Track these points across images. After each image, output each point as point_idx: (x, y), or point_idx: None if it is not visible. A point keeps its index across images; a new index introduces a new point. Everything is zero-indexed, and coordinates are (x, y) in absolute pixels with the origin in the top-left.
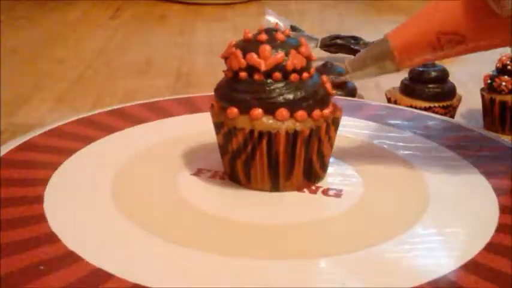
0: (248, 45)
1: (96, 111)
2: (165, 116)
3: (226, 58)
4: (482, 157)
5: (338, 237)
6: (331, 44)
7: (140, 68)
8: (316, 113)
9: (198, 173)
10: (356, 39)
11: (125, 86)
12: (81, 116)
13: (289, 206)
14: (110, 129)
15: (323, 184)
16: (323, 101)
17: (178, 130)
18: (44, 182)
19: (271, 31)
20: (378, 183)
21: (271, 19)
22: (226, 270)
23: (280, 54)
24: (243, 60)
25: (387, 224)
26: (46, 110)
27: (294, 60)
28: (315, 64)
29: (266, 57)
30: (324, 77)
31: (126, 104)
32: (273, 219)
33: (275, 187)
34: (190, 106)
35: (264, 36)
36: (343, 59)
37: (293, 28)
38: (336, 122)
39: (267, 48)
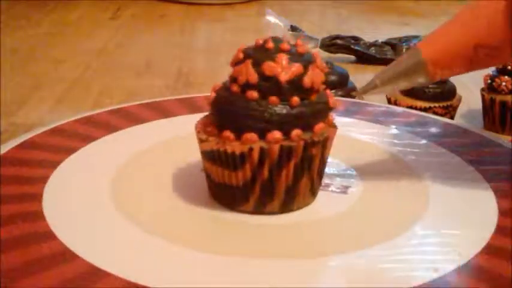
0: None
1: (97, 111)
2: (166, 116)
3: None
4: (482, 158)
5: (337, 237)
6: (331, 44)
7: (140, 68)
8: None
9: (198, 172)
10: (356, 39)
11: (125, 86)
12: (81, 116)
13: None
14: (111, 129)
15: (323, 184)
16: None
17: (178, 130)
18: (44, 180)
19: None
20: (378, 183)
21: (271, 19)
22: (225, 270)
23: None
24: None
25: (387, 224)
26: (46, 110)
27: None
28: None
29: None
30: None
31: (127, 104)
32: (273, 219)
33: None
34: (191, 106)
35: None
36: (343, 59)
37: (293, 28)
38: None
39: None
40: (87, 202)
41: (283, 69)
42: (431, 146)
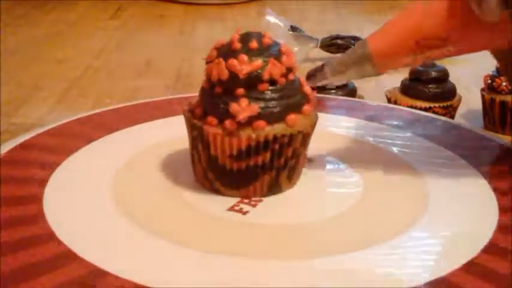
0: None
1: (97, 111)
2: (166, 116)
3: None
4: (482, 158)
5: (337, 237)
6: (331, 44)
7: (140, 68)
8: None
9: None
10: (356, 39)
11: (125, 86)
12: (81, 115)
13: (288, 205)
14: (111, 129)
15: (322, 183)
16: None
17: (178, 130)
18: (44, 181)
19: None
20: (377, 183)
21: (271, 19)
22: (226, 270)
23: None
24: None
25: (386, 224)
26: (46, 110)
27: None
28: (315, 64)
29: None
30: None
31: (127, 104)
32: (273, 219)
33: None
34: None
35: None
36: None
37: (293, 28)
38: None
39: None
40: (87, 203)
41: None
42: (431, 146)
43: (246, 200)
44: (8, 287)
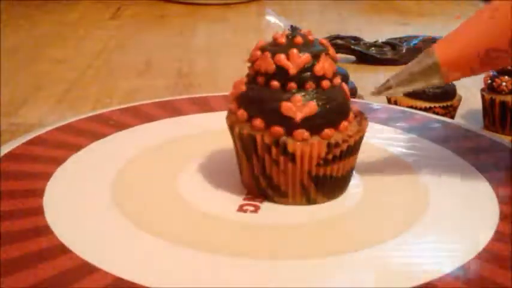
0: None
1: (97, 111)
2: (172, 115)
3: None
4: (482, 158)
5: (337, 237)
6: (331, 44)
7: (140, 68)
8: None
9: (200, 172)
10: (356, 39)
11: (125, 86)
12: (78, 117)
13: (288, 205)
14: (111, 129)
15: None
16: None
17: (184, 129)
18: (44, 181)
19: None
20: (377, 183)
21: (271, 19)
22: (227, 271)
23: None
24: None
25: (386, 225)
26: (46, 110)
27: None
28: None
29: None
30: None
31: (133, 104)
32: (273, 219)
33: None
34: (201, 105)
35: None
36: (343, 59)
37: (293, 28)
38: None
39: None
40: (87, 200)
41: None
42: (431, 146)
43: (249, 201)
44: (2, 276)
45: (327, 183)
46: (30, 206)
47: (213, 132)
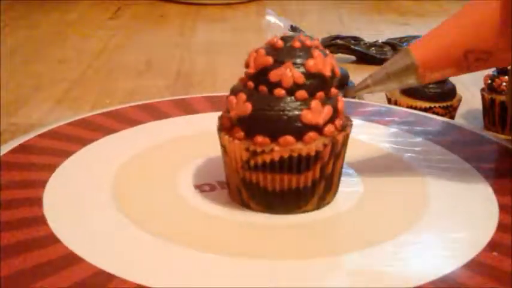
0: None
1: (94, 113)
2: (163, 117)
3: None
4: (482, 158)
5: (337, 237)
6: (331, 44)
7: (140, 68)
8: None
9: (197, 173)
10: (356, 39)
11: (125, 86)
12: (78, 118)
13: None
14: (108, 131)
15: None
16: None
17: (176, 131)
18: (43, 183)
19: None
20: (377, 183)
21: (271, 19)
22: (227, 271)
23: None
24: None
25: (386, 224)
26: (46, 110)
27: None
28: None
29: None
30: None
31: (123, 106)
32: (273, 219)
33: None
34: (188, 108)
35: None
36: (343, 59)
37: (293, 28)
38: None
39: None
40: (88, 204)
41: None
42: (432, 146)
43: None
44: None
45: (257, 193)
46: (30, 214)
47: (213, 132)
